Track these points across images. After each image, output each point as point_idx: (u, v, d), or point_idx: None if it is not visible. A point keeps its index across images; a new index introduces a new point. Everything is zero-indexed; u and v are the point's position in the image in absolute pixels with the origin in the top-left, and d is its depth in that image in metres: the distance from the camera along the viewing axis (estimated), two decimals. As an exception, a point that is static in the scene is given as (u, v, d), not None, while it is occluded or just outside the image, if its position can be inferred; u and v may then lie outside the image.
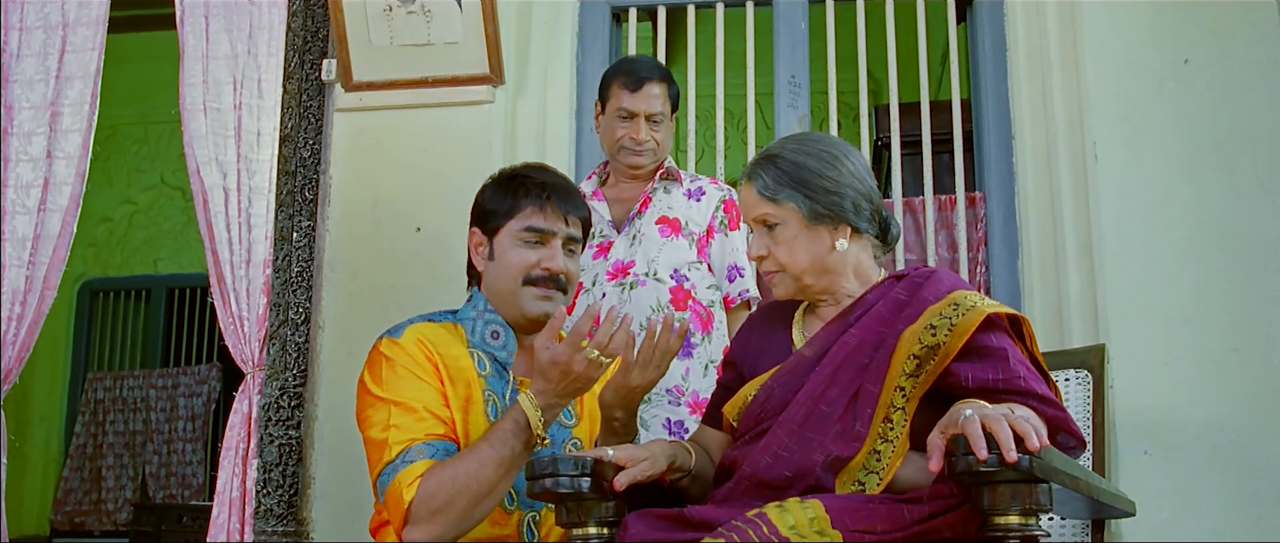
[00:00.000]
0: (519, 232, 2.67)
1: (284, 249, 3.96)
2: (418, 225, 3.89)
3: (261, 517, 3.80)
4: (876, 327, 2.29)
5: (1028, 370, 2.19)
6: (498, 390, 2.64)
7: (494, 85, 4.00)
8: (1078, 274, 3.66)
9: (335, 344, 3.88)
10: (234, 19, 4.12)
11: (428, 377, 2.55)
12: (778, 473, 2.21)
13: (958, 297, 2.23)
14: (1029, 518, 1.76)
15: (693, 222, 3.48)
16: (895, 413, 2.19)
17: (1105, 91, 3.67)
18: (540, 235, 2.67)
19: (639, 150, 3.50)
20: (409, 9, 3.94)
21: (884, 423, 2.20)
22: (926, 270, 2.38)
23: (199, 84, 4.08)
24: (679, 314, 3.35)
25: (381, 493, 2.46)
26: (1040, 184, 3.85)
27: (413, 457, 2.44)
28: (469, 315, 2.70)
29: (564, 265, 2.68)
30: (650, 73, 3.53)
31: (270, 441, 3.83)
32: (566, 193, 2.74)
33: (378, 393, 2.54)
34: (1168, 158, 3.60)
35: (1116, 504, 2.29)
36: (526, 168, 2.82)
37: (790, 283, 2.42)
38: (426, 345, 2.59)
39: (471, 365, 2.62)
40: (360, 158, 4.03)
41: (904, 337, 2.22)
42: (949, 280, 2.32)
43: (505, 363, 2.67)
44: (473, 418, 2.57)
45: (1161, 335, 3.49)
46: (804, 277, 2.39)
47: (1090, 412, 2.71)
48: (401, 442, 2.46)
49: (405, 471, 2.41)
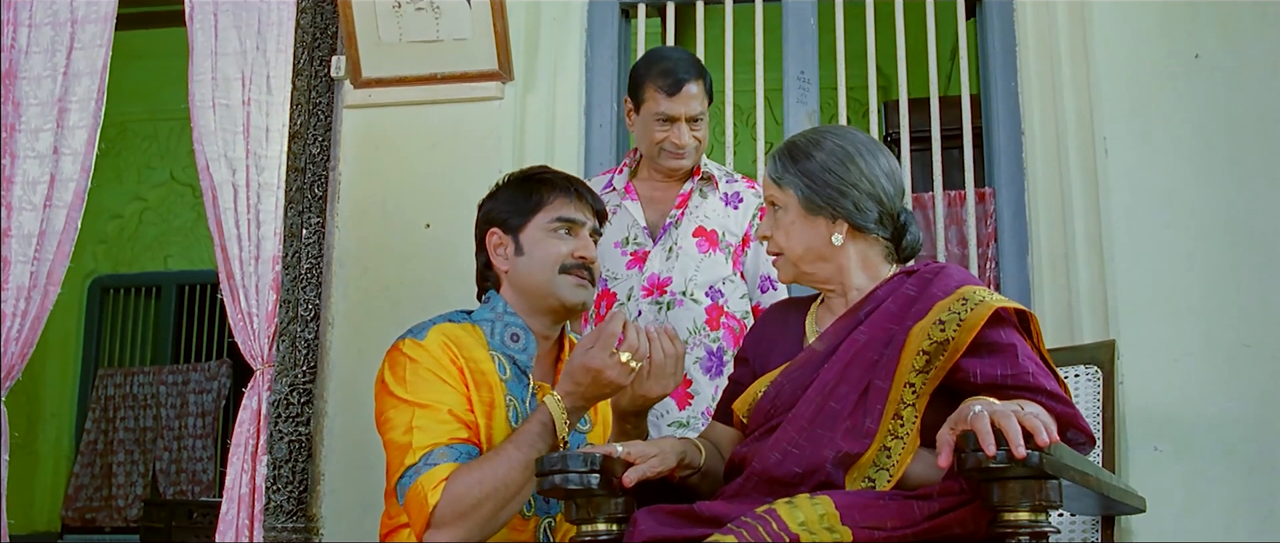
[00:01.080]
0: (549, 224, 2.68)
1: (294, 245, 3.96)
2: (427, 222, 3.89)
3: (271, 513, 3.80)
4: (886, 323, 2.29)
5: (1037, 366, 2.19)
6: (517, 395, 2.62)
7: (503, 82, 4.00)
8: (1088, 269, 3.65)
9: (345, 340, 3.89)
10: (243, 15, 4.12)
11: (451, 379, 2.52)
12: (787, 469, 2.21)
13: (966, 292, 2.24)
14: (1039, 514, 1.76)
15: (729, 232, 3.40)
16: (905, 410, 2.19)
17: (1115, 86, 3.66)
18: (571, 225, 2.68)
19: (680, 154, 3.38)
20: (418, 5, 3.94)
21: (894, 420, 2.19)
22: (936, 266, 2.38)
23: (208, 80, 4.08)
24: (712, 334, 3.29)
25: (402, 495, 2.43)
26: (1050, 179, 3.84)
27: (436, 460, 2.41)
28: (487, 317, 2.68)
29: (594, 254, 2.71)
30: (687, 73, 3.34)
31: (280, 437, 3.84)
32: (587, 187, 2.78)
33: (400, 395, 2.50)
34: (1178, 152, 3.59)
35: (1126, 501, 2.29)
36: (537, 168, 2.84)
37: (788, 267, 2.46)
38: (451, 348, 2.56)
39: (493, 369, 2.60)
40: (369, 154, 4.03)
41: (913, 333, 2.22)
42: (958, 276, 2.32)
43: (525, 367, 2.65)
44: (495, 422, 2.55)
45: (1172, 331, 3.48)
46: (800, 263, 2.43)
47: (1100, 408, 2.70)
48: (424, 445, 2.43)
49: (429, 474, 2.39)
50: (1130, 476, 3.26)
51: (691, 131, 3.36)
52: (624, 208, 3.47)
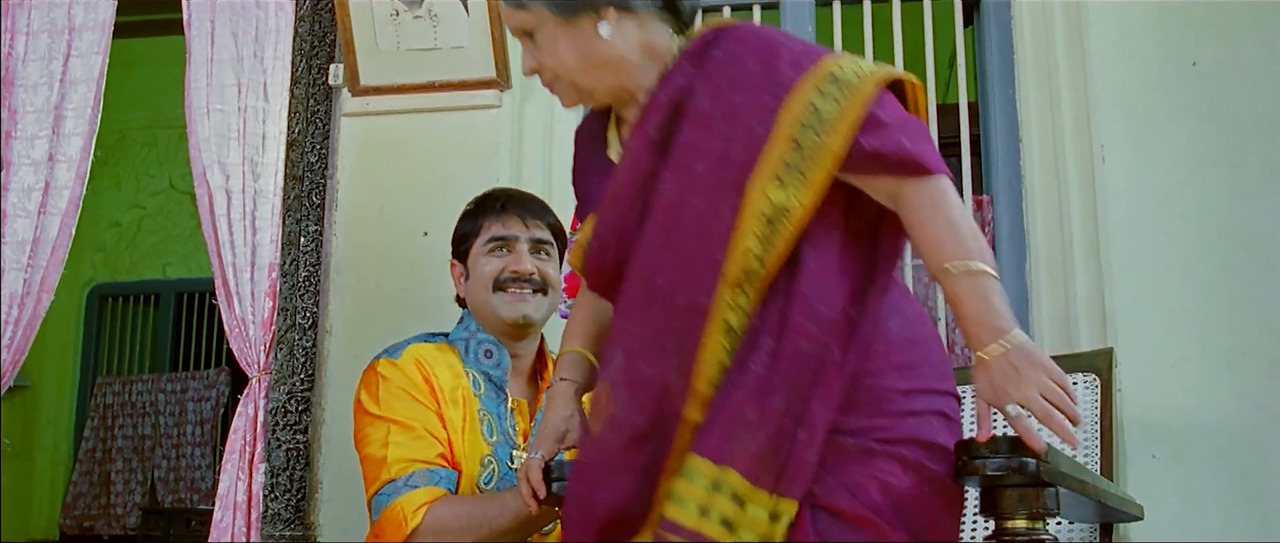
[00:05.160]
0: (485, 245, 2.78)
1: (292, 254, 3.96)
2: (425, 230, 3.88)
3: (269, 521, 3.80)
4: (703, 129, 1.94)
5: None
6: (493, 410, 2.66)
7: (501, 89, 4.00)
8: (1085, 276, 3.65)
9: (343, 349, 3.88)
10: (241, 23, 4.13)
11: (424, 398, 2.58)
12: (629, 427, 1.88)
13: (832, 68, 1.89)
14: (1037, 522, 1.76)
15: None
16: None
17: (1112, 93, 3.67)
18: (503, 242, 2.75)
19: None
20: (416, 13, 3.94)
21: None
22: (713, 32, 2.05)
23: (204, 87, 4.09)
24: None
25: (376, 511, 2.47)
26: (1047, 186, 3.83)
27: (417, 482, 2.46)
28: (462, 336, 2.76)
29: (533, 266, 2.74)
30: None
31: (278, 445, 3.84)
32: (524, 201, 2.86)
33: (376, 412, 2.58)
34: (1176, 159, 3.59)
35: (1124, 508, 2.29)
36: (487, 193, 2.95)
37: (571, 92, 2.16)
38: (424, 366, 2.63)
39: (468, 386, 2.64)
40: (367, 162, 4.03)
41: (783, 119, 1.87)
42: (761, 40, 1.99)
43: (500, 382, 2.68)
44: (469, 439, 2.59)
45: (1170, 337, 3.48)
46: (578, 78, 2.11)
47: (1099, 416, 2.70)
48: (401, 461, 2.48)
49: (409, 495, 2.44)
50: (1128, 483, 3.25)
51: None
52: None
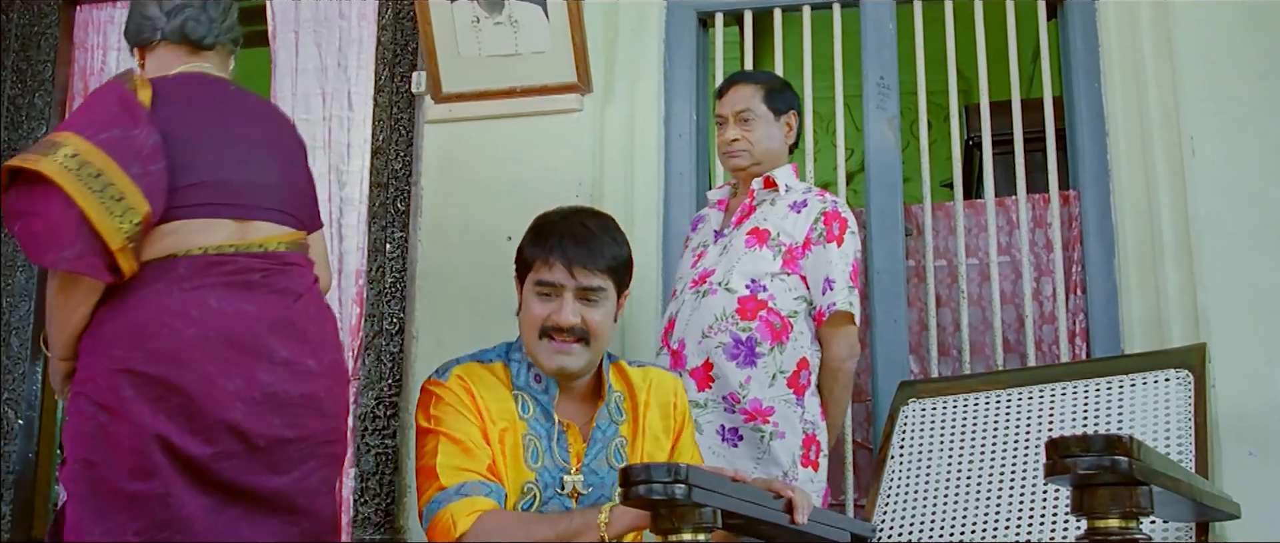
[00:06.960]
0: (534, 284, 2.64)
1: (377, 260, 4.01)
2: (508, 235, 3.91)
3: (359, 525, 3.84)
4: None
5: None
6: (540, 433, 2.64)
7: (582, 93, 4.02)
8: (1176, 272, 3.59)
9: (429, 354, 3.91)
10: (324, 33, 4.19)
11: (469, 414, 2.58)
12: None
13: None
14: (1129, 521, 1.73)
15: (785, 233, 3.42)
16: None
17: (1201, 85, 3.61)
18: (551, 288, 2.62)
19: (731, 152, 3.53)
20: (496, 20, 3.97)
21: None
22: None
23: (289, 97, 4.15)
24: (743, 323, 3.33)
25: (427, 519, 2.50)
26: (1135, 181, 3.79)
27: (469, 491, 2.47)
28: (516, 357, 2.71)
29: (576, 318, 2.59)
30: (736, 78, 3.61)
31: (367, 450, 3.88)
32: (579, 243, 2.65)
33: (428, 426, 2.60)
34: (1266, 150, 3.52)
35: (1220, 506, 2.25)
36: (558, 213, 2.75)
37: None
38: (467, 384, 2.62)
39: (514, 408, 2.64)
40: (451, 169, 4.07)
41: None
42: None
43: (547, 408, 2.67)
44: (510, 459, 2.59)
45: (1265, 333, 3.41)
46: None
47: (1192, 412, 2.66)
48: (451, 469, 2.50)
49: (461, 502, 2.45)
50: (1224, 481, 3.20)
51: (742, 130, 3.52)
52: (706, 214, 3.67)
